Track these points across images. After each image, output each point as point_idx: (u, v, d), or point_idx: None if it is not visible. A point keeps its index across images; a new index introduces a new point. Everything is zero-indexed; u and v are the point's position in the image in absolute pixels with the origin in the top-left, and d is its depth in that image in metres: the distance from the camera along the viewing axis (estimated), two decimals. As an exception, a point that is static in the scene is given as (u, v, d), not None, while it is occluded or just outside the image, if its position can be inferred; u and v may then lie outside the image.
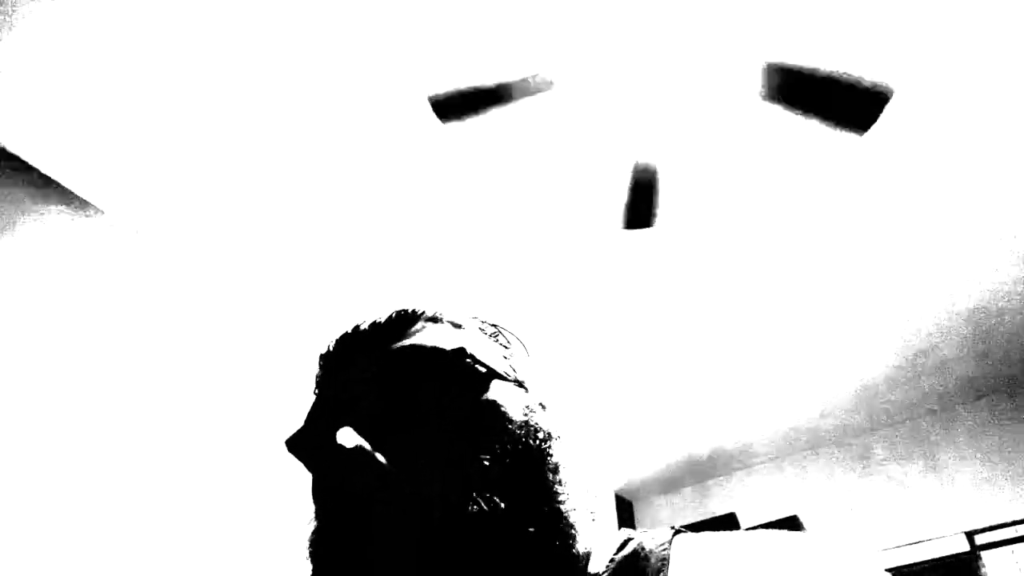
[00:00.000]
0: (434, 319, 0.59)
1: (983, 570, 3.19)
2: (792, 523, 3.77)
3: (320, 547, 0.48)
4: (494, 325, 0.62)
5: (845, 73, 1.75)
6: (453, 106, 1.78)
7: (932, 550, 3.36)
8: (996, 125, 2.17)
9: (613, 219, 2.38)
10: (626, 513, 4.50)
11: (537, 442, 0.51)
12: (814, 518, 3.81)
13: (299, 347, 2.74)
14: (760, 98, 1.79)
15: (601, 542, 0.55)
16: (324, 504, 0.49)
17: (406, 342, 0.55)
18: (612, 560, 0.51)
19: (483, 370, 0.53)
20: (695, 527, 0.61)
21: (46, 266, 2.08)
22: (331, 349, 0.58)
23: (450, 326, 0.59)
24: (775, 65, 1.73)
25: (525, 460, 0.49)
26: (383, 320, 0.58)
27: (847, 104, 1.79)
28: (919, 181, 2.36)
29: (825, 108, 1.79)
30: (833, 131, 1.84)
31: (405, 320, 0.58)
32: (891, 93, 1.77)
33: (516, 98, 1.78)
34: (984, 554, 3.22)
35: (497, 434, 0.49)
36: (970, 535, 3.30)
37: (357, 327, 0.58)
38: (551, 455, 0.52)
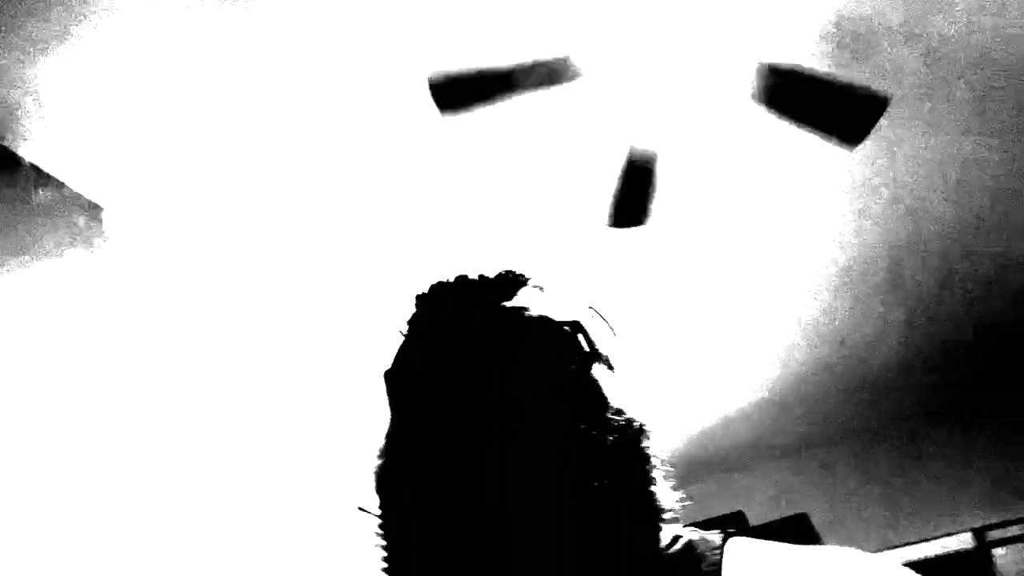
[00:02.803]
0: (540, 288, 0.58)
1: (993, 567, 3.17)
2: (801, 521, 3.75)
3: (393, 485, 0.49)
4: (592, 308, 0.61)
5: (839, 78, 1.64)
6: (456, 93, 1.60)
7: (940, 547, 3.34)
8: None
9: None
10: (632, 512, 4.48)
11: (631, 432, 0.52)
12: (821, 515, 3.78)
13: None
14: (752, 100, 1.70)
15: None
16: (415, 444, 0.49)
17: (516, 303, 0.54)
18: (665, 554, 0.52)
19: (589, 350, 0.53)
20: (702, 525, 0.61)
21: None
22: (428, 292, 0.58)
23: (556, 299, 0.58)
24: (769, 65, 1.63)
25: (622, 446, 0.50)
26: (492, 277, 0.58)
27: (840, 112, 1.69)
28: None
29: (817, 116, 1.69)
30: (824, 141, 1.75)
31: (513, 282, 0.57)
32: (887, 101, 1.68)
33: (529, 87, 1.59)
34: (995, 551, 3.20)
35: (598, 415, 0.50)
36: (979, 532, 3.28)
37: (463, 277, 0.58)
38: (644, 446, 0.53)
